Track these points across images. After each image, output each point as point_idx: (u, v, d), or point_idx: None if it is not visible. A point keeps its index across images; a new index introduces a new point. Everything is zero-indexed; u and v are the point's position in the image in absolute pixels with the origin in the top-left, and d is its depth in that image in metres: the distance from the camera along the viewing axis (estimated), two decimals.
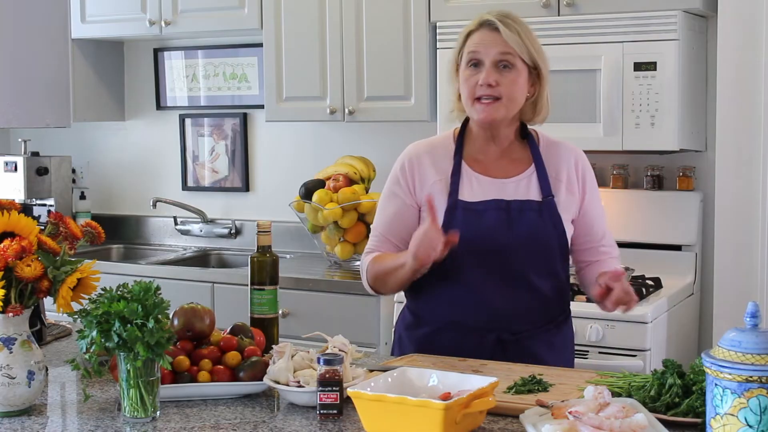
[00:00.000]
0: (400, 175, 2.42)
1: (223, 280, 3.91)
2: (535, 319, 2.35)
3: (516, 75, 2.31)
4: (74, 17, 4.40)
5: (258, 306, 2.35)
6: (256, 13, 4.10)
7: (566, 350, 2.45)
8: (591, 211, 2.42)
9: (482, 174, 2.37)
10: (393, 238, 2.41)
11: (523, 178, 2.36)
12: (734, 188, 3.28)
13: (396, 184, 2.42)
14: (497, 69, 2.30)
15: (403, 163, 2.43)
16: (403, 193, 2.40)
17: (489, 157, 2.40)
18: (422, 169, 2.40)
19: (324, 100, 3.99)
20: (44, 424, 1.91)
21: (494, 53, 2.30)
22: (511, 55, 2.30)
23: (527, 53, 2.31)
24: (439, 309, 2.37)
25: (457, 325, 2.34)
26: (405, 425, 1.71)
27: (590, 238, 2.43)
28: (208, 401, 2.01)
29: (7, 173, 4.67)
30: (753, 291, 3.23)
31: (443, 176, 2.38)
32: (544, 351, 2.34)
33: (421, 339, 2.40)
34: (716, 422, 1.52)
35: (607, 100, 3.35)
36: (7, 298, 1.89)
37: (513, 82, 2.30)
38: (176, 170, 4.79)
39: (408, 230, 2.34)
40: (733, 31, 3.26)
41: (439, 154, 2.41)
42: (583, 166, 2.43)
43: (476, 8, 3.52)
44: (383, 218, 2.43)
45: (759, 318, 1.53)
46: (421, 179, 2.39)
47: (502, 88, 2.29)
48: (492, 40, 2.31)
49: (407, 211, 2.40)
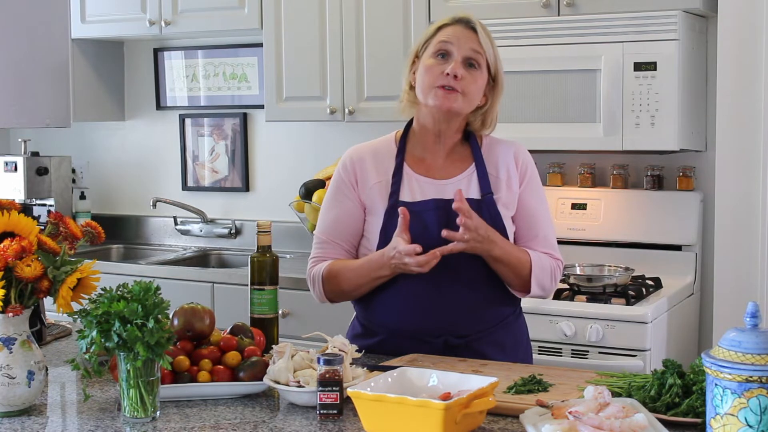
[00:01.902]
0: (343, 175, 2.41)
1: (223, 280, 3.91)
2: (480, 321, 2.33)
3: (479, 76, 2.32)
4: (74, 17, 4.40)
5: (258, 306, 2.35)
6: (256, 13, 4.10)
7: (518, 349, 2.42)
8: (528, 204, 2.38)
9: (423, 175, 2.36)
10: (339, 240, 2.40)
11: (463, 178, 2.36)
12: (734, 188, 3.29)
13: (339, 183, 2.42)
14: (464, 65, 2.31)
15: (344, 164, 2.43)
16: (348, 191, 2.40)
17: (431, 158, 2.39)
18: (364, 169, 2.40)
19: (324, 100, 3.99)
20: (44, 424, 1.91)
21: (466, 48, 2.31)
22: (480, 55, 2.32)
23: (493, 60, 2.34)
24: (384, 317, 2.38)
25: (403, 333, 2.34)
26: (405, 425, 1.71)
27: (527, 232, 2.38)
28: (208, 401, 2.01)
29: (7, 173, 4.67)
30: (753, 291, 3.23)
31: (383, 178, 2.38)
32: (496, 352, 2.32)
33: (371, 348, 2.39)
34: (716, 422, 1.52)
35: (607, 100, 3.35)
36: (7, 298, 1.89)
37: (475, 82, 2.31)
38: (176, 170, 4.79)
39: (353, 231, 2.38)
40: (733, 31, 3.26)
41: (381, 155, 2.41)
42: (524, 160, 2.40)
43: (476, 8, 3.53)
44: (327, 223, 2.42)
45: (759, 318, 1.53)
46: (363, 179, 2.39)
47: (464, 84, 2.30)
48: (466, 37, 2.32)
49: (353, 210, 2.39)
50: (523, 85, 3.48)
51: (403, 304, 2.33)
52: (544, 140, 3.46)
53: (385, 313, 2.37)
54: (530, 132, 3.44)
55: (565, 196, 3.73)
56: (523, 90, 3.48)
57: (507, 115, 3.40)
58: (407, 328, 2.34)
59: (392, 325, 2.36)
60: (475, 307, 2.33)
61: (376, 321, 2.40)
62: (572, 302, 3.24)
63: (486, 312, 2.34)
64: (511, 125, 3.42)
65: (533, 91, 3.48)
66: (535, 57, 3.46)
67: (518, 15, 3.52)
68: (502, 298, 2.37)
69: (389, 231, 2.30)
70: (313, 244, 2.46)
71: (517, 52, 3.46)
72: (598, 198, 3.69)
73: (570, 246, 3.62)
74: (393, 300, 2.34)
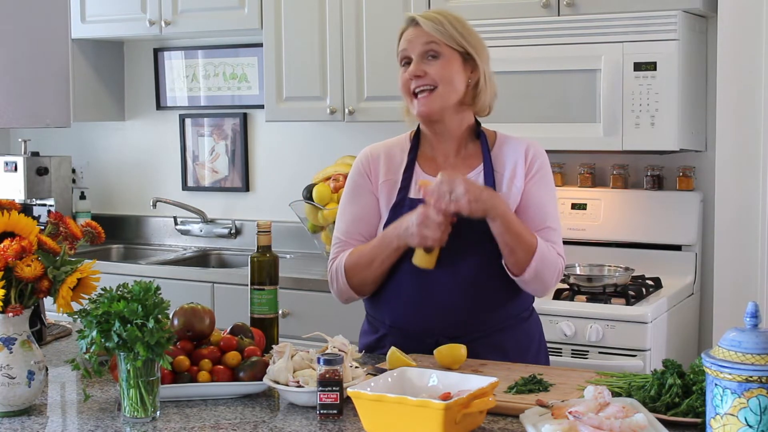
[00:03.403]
0: (362, 170, 2.42)
1: (223, 280, 3.91)
2: (474, 324, 2.30)
3: (444, 62, 2.31)
4: (74, 17, 4.40)
5: (258, 306, 2.36)
6: (256, 13, 4.10)
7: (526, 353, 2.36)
8: (535, 194, 2.35)
9: (431, 174, 2.36)
10: (359, 240, 2.38)
11: (470, 177, 2.34)
12: (734, 188, 3.29)
13: (357, 180, 2.43)
14: (425, 60, 2.31)
15: (360, 161, 2.44)
16: (366, 186, 2.41)
17: (441, 156, 2.40)
18: (376, 167, 2.41)
19: (324, 100, 3.99)
20: (44, 424, 1.91)
21: (418, 46, 2.32)
22: (435, 44, 2.30)
23: (453, 40, 2.31)
24: (383, 314, 2.39)
25: (398, 331, 2.35)
26: (405, 425, 1.71)
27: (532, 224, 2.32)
28: (208, 401, 2.01)
29: (7, 173, 4.67)
30: (753, 291, 3.23)
31: (392, 176, 2.39)
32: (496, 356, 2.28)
33: (369, 345, 2.40)
34: (716, 422, 1.52)
35: (607, 100, 3.35)
36: (7, 298, 1.89)
37: (442, 68, 2.30)
38: (176, 170, 4.79)
39: (371, 229, 2.37)
40: (733, 31, 3.26)
41: (393, 154, 2.43)
42: (534, 154, 2.37)
43: (476, 8, 3.53)
44: (345, 222, 2.42)
45: (759, 318, 1.53)
46: (375, 176, 2.41)
47: (432, 76, 2.30)
48: (415, 35, 2.33)
49: (372, 204, 2.40)
50: (524, 85, 3.48)
51: (398, 301, 2.34)
52: (544, 140, 3.41)
53: (384, 309, 2.38)
54: (530, 132, 3.42)
55: (565, 196, 3.73)
56: (523, 90, 3.48)
57: (507, 115, 3.41)
58: (402, 326, 2.35)
59: (389, 321, 2.38)
60: (467, 311, 2.30)
61: (378, 317, 2.42)
62: (572, 302, 3.24)
63: (480, 316, 2.32)
64: (511, 125, 3.40)
65: (533, 91, 3.47)
66: (535, 57, 3.46)
67: (518, 15, 3.52)
68: (501, 303, 2.34)
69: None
70: (332, 246, 2.45)
71: (517, 52, 3.46)
72: (598, 198, 3.69)
73: (570, 246, 3.60)
74: (391, 297, 2.35)
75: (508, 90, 3.44)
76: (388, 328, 2.38)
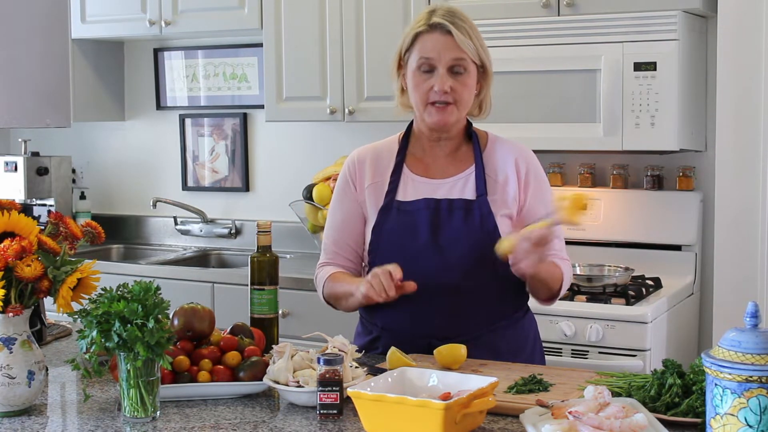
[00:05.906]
0: (347, 176, 2.43)
1: (223, 280, 3.91)
2: (465, 325, 2.30)
3: (468, 78, 2.29)
4: (74, 17, 4.41)
5: (258, 306, 2.36)
6: (256, 13, 4.10)
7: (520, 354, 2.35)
8: (534, 207, 2.34)
9: (421, 175, 2.36)
10: (345, 244, 2.41)
11: (460, 178, 2.35)
12: (734, 188, 3.28)
13: (342, 185, 2.44)
14: (451, 74, 2.27)
15: (346, 166, 2.45)
16: (349, 192, 2.41)
17: (433, 158, 2.39)
18: (362, 171, 2.41)
19: (324, 100, 3.99)
20: (44, 424, 1.91)
21: (448, 59, 2.26)
22: (465, 60, 2.27)
23: (477, 55, 2.29)
24: (375, 317, 2.39)
25: (390, 333, 2.35)
26: (405, 425, 1.71)
27: None
28: (208, 401, 2.01)
29: (7, 173, 4.67)
30: (753, 291, 3.23)
31: (380, 179, 2.38)
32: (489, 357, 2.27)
33: (362, 346, 2.39)
34: (716, 422, 1.52)
35: (607, 100, 3.35)
36: (7, 298, 1.89)
37: (465, 86, 2.29)
38: (176, 170, 4.79)
39: (358, 232, 2.39)
40: (733, 31, 3.26)
41: (381, 156, 2.42)
42: (527, 162, 2.36)
43: (476, 8, 3.53)
44: (333, 227, 2.44)
45: (759, 318, 1.53)
46: (360, 181, 2.41)
47: (456, 94, 2.28)
48: (445, 45, 2.26)
49: (355, 210, 2.40)
50: (523, 85, 3.48)
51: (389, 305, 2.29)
52: (544, 140, 3.46)
53: (376, 312, 2.38)
54: (530, 132, 3.44)
55: None
56: (523, 90, 3.48)
57: (507, 115, 3.41)
58: (394, 329, 2.35)
59: (381, 324, 2.38)
60: (458, 313, 2.30)
61: (370, 319, 2.42)
62: (572, 302, 3.24)
63: (471, 318, 2.31)
64: (512, 125, 3.42)
65: (533, 91, 3.47)
66: (536, 57, 3.46)
67: (518, 15, 3.52)
68: (493, 304, 2.34)
69: (382, 229, 2.32)
70: (321, 248, 2.48)
71: (517, 52, 3.46)
72: (598, 198, 3.69)
73: (570, 246, 3.59)
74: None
75: (508, 90, 3.44)
76: (381, 330, 2.38)
